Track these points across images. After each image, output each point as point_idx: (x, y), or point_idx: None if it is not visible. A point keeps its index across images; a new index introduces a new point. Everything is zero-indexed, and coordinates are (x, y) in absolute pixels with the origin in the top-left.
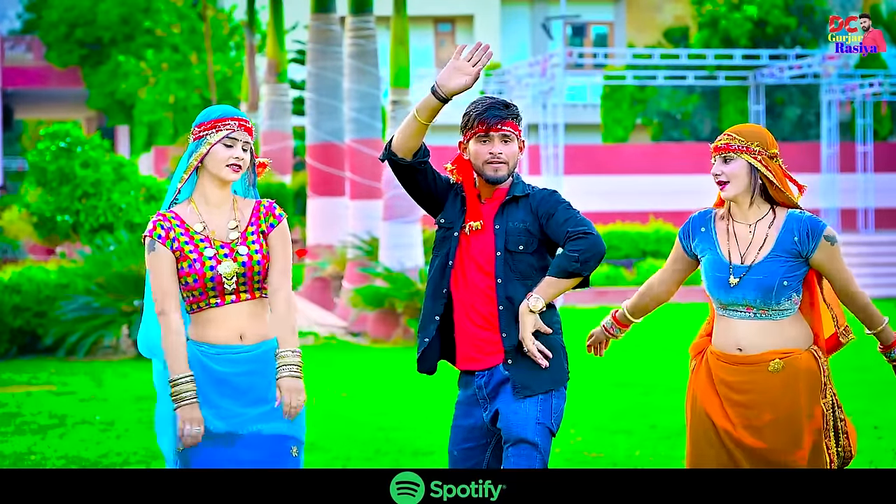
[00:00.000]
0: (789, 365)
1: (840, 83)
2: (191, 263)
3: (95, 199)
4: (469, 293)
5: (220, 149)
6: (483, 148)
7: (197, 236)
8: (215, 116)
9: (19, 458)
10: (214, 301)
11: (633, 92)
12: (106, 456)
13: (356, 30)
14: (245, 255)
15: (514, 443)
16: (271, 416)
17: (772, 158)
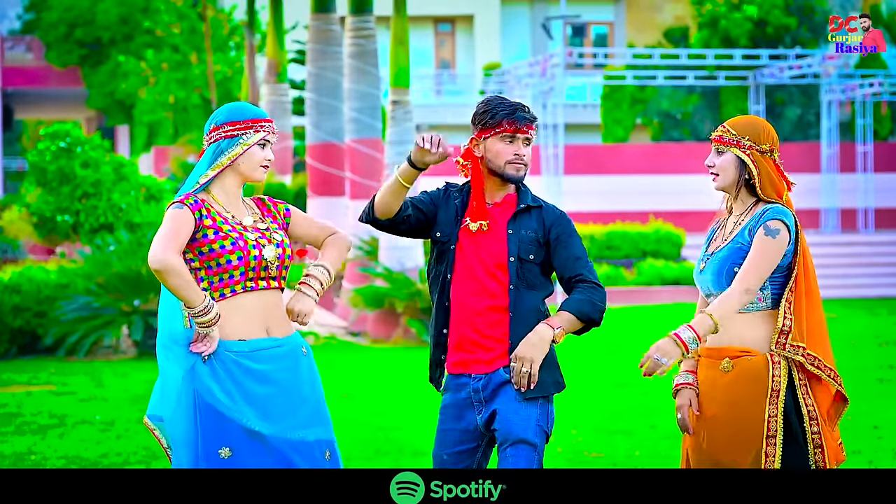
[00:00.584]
0: (738, 366)
1: (840, 83)
2: (234, 241)
3: (95, 199)
4: (475, 296)
5: (256, 150)
6: (508, 148)
7: (230, 219)
8: (250, 116)
9: (19, 458)
10: (251, 285)
11: (633, 92)
12: (106, 456)
13: (356, 30)
14: (279, 239)
15: (514, 443)
16: (312, 420)
17: (763, 153)
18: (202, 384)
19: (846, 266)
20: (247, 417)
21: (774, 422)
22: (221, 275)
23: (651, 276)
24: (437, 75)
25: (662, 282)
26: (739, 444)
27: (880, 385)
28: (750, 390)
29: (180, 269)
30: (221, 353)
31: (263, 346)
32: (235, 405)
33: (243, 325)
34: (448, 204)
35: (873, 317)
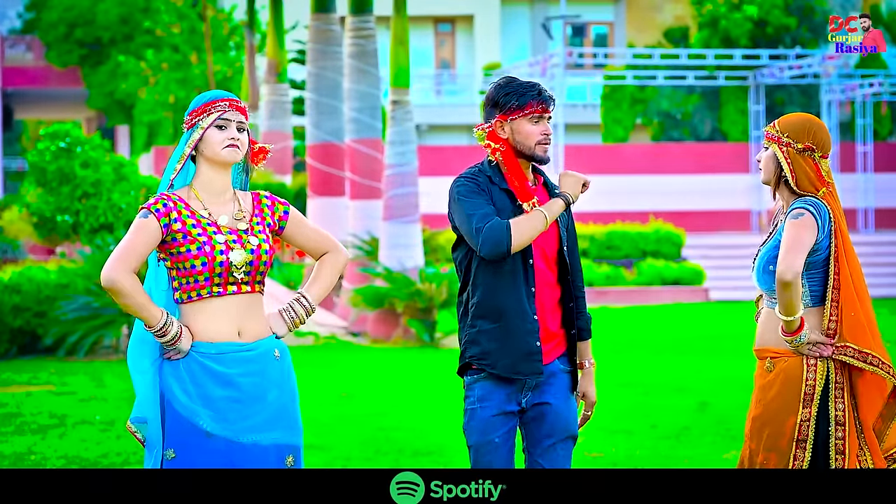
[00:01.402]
0: (777, 367)
1: (840, 83)
2: (200, 246)
3: (95, 199)
4: (546, 285)
5: (213, 132)
6: (536, 128)
7: (204, 220)
8: (205, 101)
9: (19, 458)
10: (217, 290)
11: (633, 92)
12: (106, 456)
13: (356, 30)
14: (255, 244)
15: (565, 439)
16: (271, 425)
17: (802, 152)
18: (165, 383)
19: None
20: (200, 418)
21: (806, 426)
22: (188, 278)
23: (651, 276)
24: (437, 75)
25: (662, 282)
26: (770, 446)
27: None
28: (785, 392)
29: (129, 290)
30: (189, 351)
31: (231, 350)
32: (192, 406)
33: (212, 327)
34: (494, 192)
35: None
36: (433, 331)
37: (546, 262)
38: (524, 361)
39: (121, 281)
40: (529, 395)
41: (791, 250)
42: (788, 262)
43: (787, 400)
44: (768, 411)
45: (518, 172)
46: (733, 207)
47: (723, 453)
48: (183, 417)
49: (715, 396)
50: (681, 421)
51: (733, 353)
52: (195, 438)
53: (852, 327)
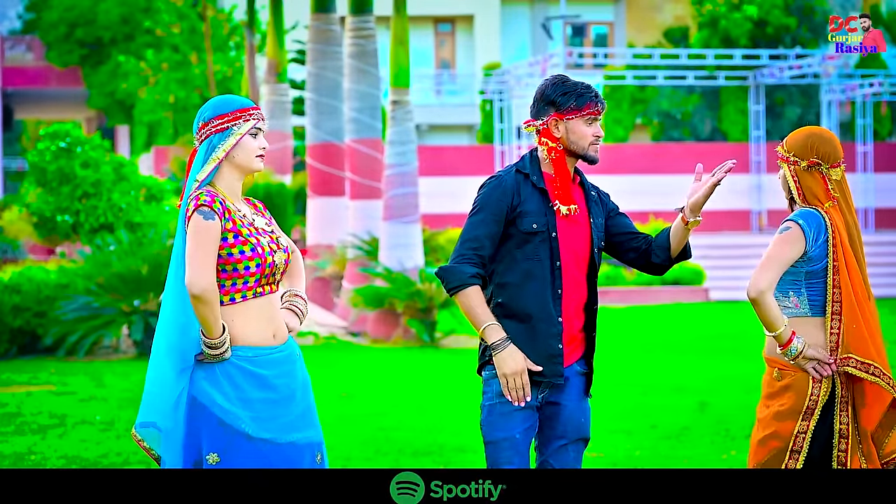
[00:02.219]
0: (785, 379)
1: (840, 83)
2: (253, 247)
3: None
4: (575, 287)
5: (248, 139)
6: (589, 129)
7: (244, 220)
8: (237, 107)
9: (19, 458)
10: (260, 290)
11: (633, 92)
12: (106, 456)
13: (356, 30)
14: (286, 244)
15: (576, 441)
16: (303, 424)
17: (809, 168)
18: (199, 388)
19: None
20: (242, 422)
21: (803, 438)
22: (235, 280)
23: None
24: (437, 75)
25: (662, 282)
26: (764, 445)
27: None
28: (790, 404)
29: (214, 300)
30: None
31: (265, 352)
32: (233, 409)
33: (254, 329)
34: (530, 192)
35: None
36: (433, 331)
37: (577, 263)
38: (547, 364)
39: (212, 290)
40: (546, 393)
41: (763, 267)
42: (755, 279)
43: (789, 411)
44: (772, 419)
45: (565, 174)
46: (733, 207)
47: (722, 453)
48: (224, 422)
49: (715, 396)
50: (681, 421)
51: (733, 353)
52: (238, 442)
53: (855, 339)
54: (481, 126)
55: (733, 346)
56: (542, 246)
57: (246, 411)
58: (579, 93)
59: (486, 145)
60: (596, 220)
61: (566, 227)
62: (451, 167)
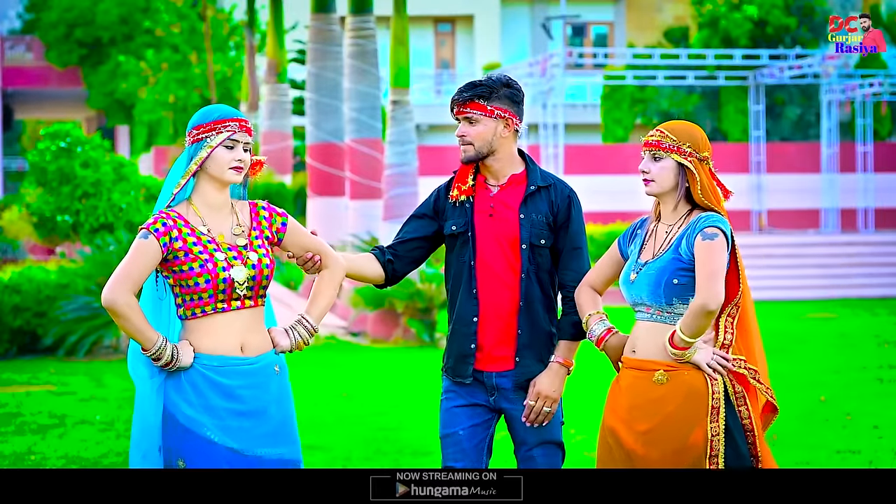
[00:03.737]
0: (674, 380)
1: (840, 83)
2: (202, 264)
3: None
4: (497, 287)
5: (221, 151)
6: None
7: (204, 237)
8: (215, 118)
9: (19, 458)
10: (221, 306)
11: (633, 92)
12: (106, 456)
13: (356, 30)
14: (255, 259)
15: (541, 444)
16: (274, 440)
17: (702, 161)
18: (166, 395)
19: (846, 266)
20: (206, 428)
21: (717, 440)
22: (191, 295)
23: None
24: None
25: None
26: (678, 463)
27: (880, 385)
28: (689, 407)
29: (128, 312)
30: (192, 364)
31: (233, 363)
32: (196, 416)
33: (216, 342)
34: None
35: (873, 317)
36: (433, 331)
37: (504, 262)
38: (457, 363)
39: (120, 303)
40: (497, 396)
41: (715, 278)
42: (716, 291)
43: (693, 416)
44: (672, 427)
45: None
46: (733, 207)
47: None
48: (187, 429)
49: None
50: None
51: None
52: (202, 448)
53: (749, 344)
54: None
55: None
56: (465, 247)
57: (210, 419)
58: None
59: None
60: (532, 217)
61: (489, 225)
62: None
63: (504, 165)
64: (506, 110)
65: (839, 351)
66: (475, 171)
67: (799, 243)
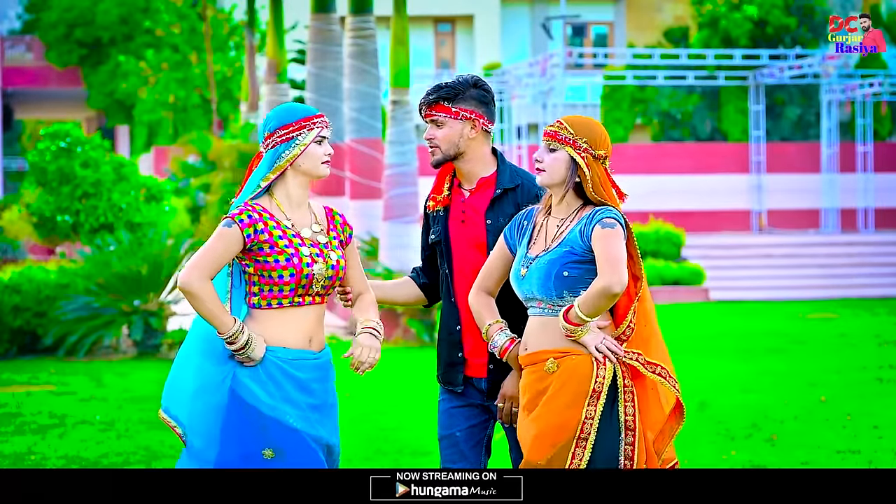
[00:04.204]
0: (563, 365)
1: (840, 83)
2: (288, 257)
3: (95, 199)
4: (461, 298)
5: (313, 147)
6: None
7: (289, 231)
8: (300, 116)
9: (19, 458)
10: (298, 300)
11: (633, 92)
12: (106, 456)
13: (356, 30)
14: (335, 259)
15: None
16: (335, 428)
17: (597, 159)
18: (242, 386)
19: (846, 266)
20: (289, 416)
21: (590, 424)
22: (271, 286)
23: (651, 276)
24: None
25: (662, 282)
26: (546, 440)
27: (880, 385)
28: (571, 387)
29: (204, 296)
30: (266, 356)
31: (304, 357)
32: (277, 406)
33: (289, 334)
34: (435, 212)
35: (873, 317)
36: (433, 331)
37: (476, 269)
38: (449, 372)
39: (195, 286)
40: (490, 400)
41: (617, 263)
42: (620, 275)
43: (572, 396)
44: (551, 409)
45: (438, 174)
46: (733, 207)
47: (722, 453)
48: (271, 418)
49: (715, 396)
50: None
51: (733, 353)
52: (286, 436)
53: (647, 337)
54: None
55: (733, 346)
56: (443, 256)
57: (292, 408)
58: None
59: None
60: (500, 221)
61: (461, 232)
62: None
63: (473, 167)
64: (472, 111)
65: (839, 351)
66: (452, 175)
67: (799, 243)
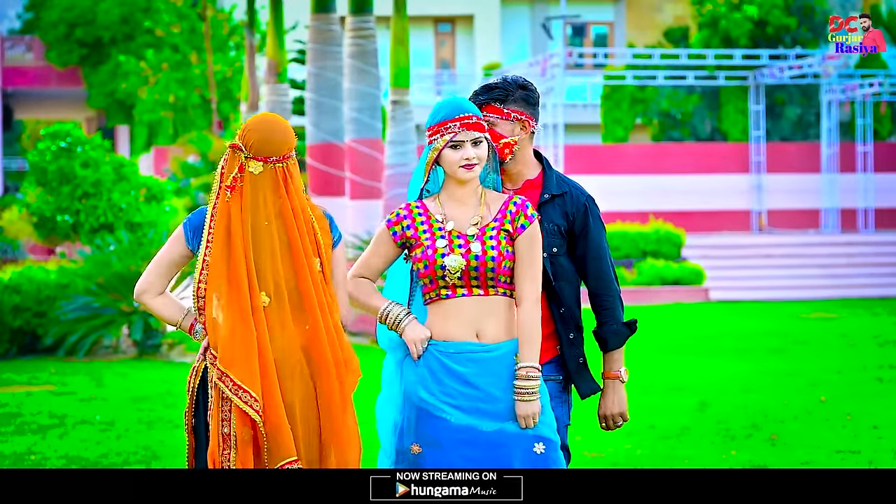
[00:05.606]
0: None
1: (840, 83)
2: (423, 250)
3: (95, 199)
4: None
5: (447, 152)
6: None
7: (436, 225)
8: (439, 119)
9: (19, 458)
10: (445, 292)
11: (633, 92)
12: (106, 456)
13: (356, 30)
14: (479, 251)
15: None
16: (512, 414)
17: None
18: (406, 380)
19: (846, 266)
20: (443, 411)
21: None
22: (421, 280)
23: (651, 276)
24: (437, 75)
25: (662, 282)
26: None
27: (880, 385)
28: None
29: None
30: (427, 350)
31: (469, 349)
32: (434, 400)
33: (451, 327)
34: None
35: (873, 317)
36: None
37: None
38: None
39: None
40: None
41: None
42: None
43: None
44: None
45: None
46: (733, 207)
47: (722, 453)
48: (427, 413)
49: (715, 396)
50: (681, 421)
51: (733, 353)
52: (442, 431)
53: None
54: None
55: (733, 346)
56: None
57: (448, 402)
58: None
59: None
60: (545, 226)
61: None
62: None
63: (522, 169)
64: (522, 112)
65: (839, 351)
66: None
67: (799, 243)
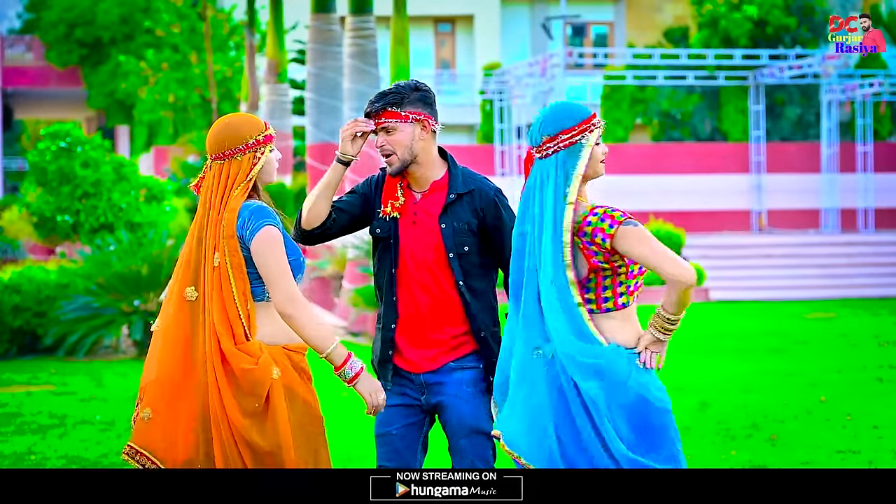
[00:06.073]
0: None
1: (840, 83)
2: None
3: (95, 199)
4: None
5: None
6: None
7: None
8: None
9: (19, 458)
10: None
11: (633, 92)
12: (106, 456)
13: (356, 30)
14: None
15: (469, 434)
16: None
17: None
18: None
19: (846, 266)
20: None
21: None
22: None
23: (651, 275)
24: (437, 75)
25: (662, 282)
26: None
27: (880, 385)
28: None
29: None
30: None
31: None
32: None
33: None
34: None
35: (873, 317)
36: None
37: (427, 271)
38: (379, 368)
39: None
40: (427, 394)
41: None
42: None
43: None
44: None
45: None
46: (733, 207)
47: (722, 453)
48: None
49: (715, 396)
50: (681, 421)
51: (733, 353)
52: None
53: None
54: (481, 126)
55: (733, 346)
56: (387, 252)
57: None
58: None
59: (486, 145)
60: (454, 225)
61: (412, 233)
62: None
63: (426, 172)
64: (420, 113)
65: (839, 351)
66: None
67: (799, 243)
